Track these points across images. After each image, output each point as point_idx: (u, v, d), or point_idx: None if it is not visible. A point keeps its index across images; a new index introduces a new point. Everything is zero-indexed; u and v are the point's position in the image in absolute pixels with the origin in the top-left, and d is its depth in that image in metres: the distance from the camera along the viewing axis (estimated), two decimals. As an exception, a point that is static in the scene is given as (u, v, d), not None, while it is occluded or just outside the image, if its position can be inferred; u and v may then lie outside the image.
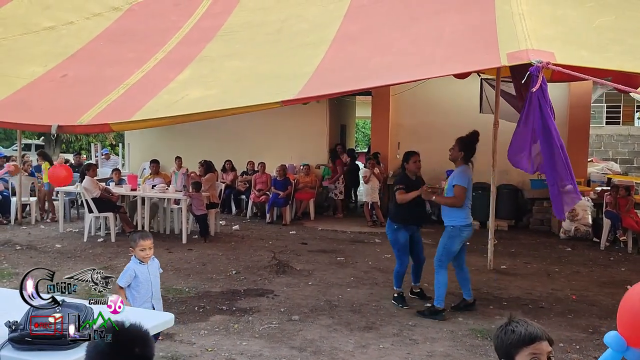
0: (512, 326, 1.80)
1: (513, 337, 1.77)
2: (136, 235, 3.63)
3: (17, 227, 9.14)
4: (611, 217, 8.24)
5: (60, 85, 4.69)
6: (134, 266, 3.52)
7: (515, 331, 1.78)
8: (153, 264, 3.61)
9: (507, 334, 1.79)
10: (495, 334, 1.85)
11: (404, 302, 5.27)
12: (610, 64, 3.57)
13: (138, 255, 3.53)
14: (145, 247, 3.52)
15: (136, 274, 3.51)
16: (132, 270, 3.50)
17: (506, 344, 1.78)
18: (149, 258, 3.55)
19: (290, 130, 11.33)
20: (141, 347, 1.58)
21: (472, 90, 9.17)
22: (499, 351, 1.81)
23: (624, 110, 17.24)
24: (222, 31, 5.03)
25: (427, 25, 4.40)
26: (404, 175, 5.45)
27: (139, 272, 3.51)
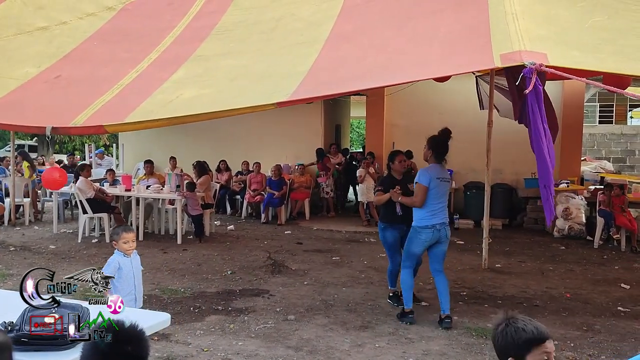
0: (520, 324, 1.74)
1: (525, 335, 1.71)
2: (119, 229, 3.68)
3: (11, 228, 9.09)
4: (604, 215, 8.29)
5: (53, 86, 4.67)
6: (117, 258, 3.55)
7: (526, 330, 1.72)
8: (136, 258, 3.65)
9: (518, 332, 1.72)
10: (500, 332, 1.77)
11: (399, 301, 5.27)
12: (602, 65, 3.59)
13: (121, 248, 3.57)
14: (128, 239, 3.56)
15: (120, 266, 3.53)
16: (117, 262, 3.53)
17: (518, 343, 1.71)
18: (132, 251, 3.59)
19: (285, 130, 11.33)
20: (134, 346, 1.58)
21: (466, 90, 9.20)
22: (507, 350, 1.74)
23: (617, 109, 17.35)
24: (216, 30, 5.02)
25: (421, 25, 4.41)
26: (387, 176, 5.37)
27: (122, 265, 3.54)
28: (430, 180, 4.75)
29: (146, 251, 7.46)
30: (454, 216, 9.79)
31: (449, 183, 4.96)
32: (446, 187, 4.90)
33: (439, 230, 4.75)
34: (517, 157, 9.94)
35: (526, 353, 1.71)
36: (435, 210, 4.76)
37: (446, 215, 4.86)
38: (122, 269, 3.54)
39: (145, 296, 5.42)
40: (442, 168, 4.91)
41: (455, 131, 11.30)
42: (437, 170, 4.85)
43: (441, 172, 4.85)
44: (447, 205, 10.58)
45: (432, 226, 4.73)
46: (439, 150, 4.89)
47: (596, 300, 5.63)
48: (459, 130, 10.34)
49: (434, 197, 4.76)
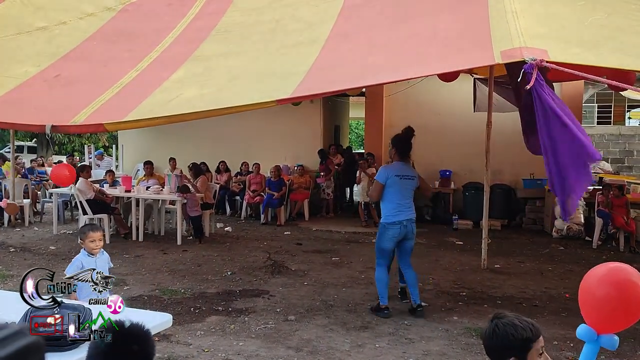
0: (516, 321, 1.74)
1: (525, 334, 1.72)
2: (86, 228, 3.74)
3: (11, 229, 9.08)
4: (603, 216, 8.30)
5: (53, 85, 4.66)
6: (81, 258, 3.60)
7: (524, 327, 1.73)
8: (102, 257, 3.68)
9: (518, 330, 1.72)
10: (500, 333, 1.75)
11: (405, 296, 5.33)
12: (603, 61, 3.60)
13: (87, 247, 3.61)
14: (94, 238, 3.60)
15: (83, 266, 3.56)
16: (80, 262, 3.57)
17: (521, 340, 1.71)
18: (98, 250, 3.63)
19: (284, 131, 11.33)
20: (141, 345, 1.58)
21: (465, 91, 9.21)
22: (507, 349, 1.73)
23: (615, 110, 17.38)
24: (215, 31, 5.03)
25: (420, 23, 4.42)
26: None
27: (85, 264, 3.57)
28: (388, 177, 4.91)
29: (146, 252, 7.46)
30: (453, 217, 9.81)
31: (412, 180, 5.00)
32: (409, 184, 4.98)
33: (406, 226, 4.90)
34: (516, 158, 9.95)
35: (529, 348, 1.71)
36: (402, 206, 4.91)
37: (412, 211, 4.99)
38: (84, 268, 3.54)
39: (145, 297, 5.45)
40: (406, 166, 5.04)
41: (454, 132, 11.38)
42: (398, 168, 4.99)
43: (402, 170, 4.98)
44: (446, 205, 10.64)
45: (399, 222, 4.88)
46: (401, 149, 5.06)
47: (596, 300, 5.63)
48: (458, 131, 10.49)
49: (398, 194, 4.90)
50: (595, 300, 1.89)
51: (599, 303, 1.88)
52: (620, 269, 1.91)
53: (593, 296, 1.90)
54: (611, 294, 1.86)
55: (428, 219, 10.49)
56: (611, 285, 1.88)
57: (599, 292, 1.88)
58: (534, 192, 10.00)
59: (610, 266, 1.95)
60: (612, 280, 1.89)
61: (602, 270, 1.93)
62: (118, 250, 7.56)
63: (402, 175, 4.94)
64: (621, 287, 1.86)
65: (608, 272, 1.92)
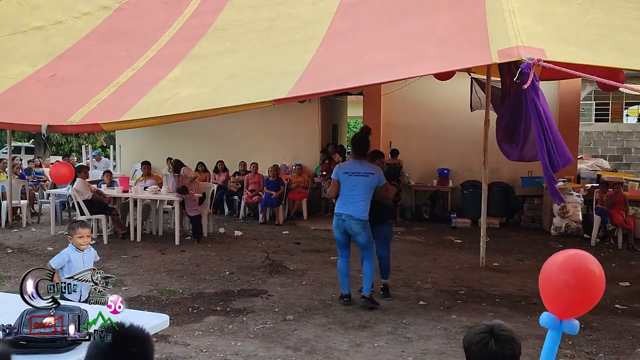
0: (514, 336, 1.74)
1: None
2: (76, 224, 3.86)
3: (8, 230, 9.06)
4: (601, 213, 8.31)
5: (49, 84, 4.65)
6: (68, 251, 3.72)
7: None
8: (89, 254, 3.79)
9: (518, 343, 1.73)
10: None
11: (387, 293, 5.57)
12: (600, 59, 3.60)
13: (75, 243, 3.73)
14: (83, 234, 3.72)
15: (70, 259, 3.68)
16: (67, 255, 3.70)
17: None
18: (86, 246, 3.74)
19: (282, 131, 11.31)
20: (140, 347, 1.59)
21: (462, 89, 9.21)
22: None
23: (613, 107, 17.39)
24: (212, 29, 5.01)
25: (418, 22, 4.42)
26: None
27: (72, 258, 3.69)
28: (338, 174, 5.21)
29: (144, 252, 7.45)
30: (452, 215, 9.81)
31: (364, 177, 5.10)
32: (358, 181, 5.10)
33: (344, 220, 5.11)
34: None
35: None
36: (344, 201, 5.15)
37: (356, 208, 5.08)
38: (71, 262, 3.69)
39: (143, 297, 5.44)
40: (358, 163, 5.17)
41: (452, 130, 11.39)
42: (348, 166, 5.25)
43: (352, 167, 5.18)
44: (445, 204, 10.62)
45: (338, 215, 5.16)
46: (355, 147, 5.30)
47: (594, 297, 5.63)
48: (456, 129, 10.49)
49: (345, 189, 5.16)
50: (555, 287, 1.94)
51: (558, 291, 1.93)
52: (577, 257, 1.98)
53: (553, 284, 1.96)
54: (569, 281, 1.92)
55: (426, 217, 10.50)
56: (568, 272, 1.94)
57: (558, 280, 1.94)
58: (532, 190, 10.00)
59: (568, 254, 2.02)
60: (570, 268, 1.95)
61: (559, 259, 1.99)
62: (116, 250, 7.54)
63: (350, 172, 5.13)
64: (578, 274, 1.92)
65: (565, 260, 1.98)
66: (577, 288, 1.90)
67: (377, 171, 5.19)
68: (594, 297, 1.94)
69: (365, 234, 5.15)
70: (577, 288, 1.91)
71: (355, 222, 5.08)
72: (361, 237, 5.15)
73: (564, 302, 1.93)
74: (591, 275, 1.92)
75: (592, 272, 1.92)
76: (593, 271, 1.92)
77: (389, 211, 5.44)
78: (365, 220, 5.11)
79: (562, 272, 1.95)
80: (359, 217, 5.07)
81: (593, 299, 1.94)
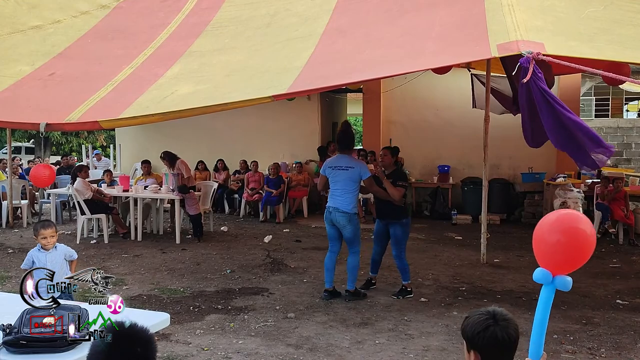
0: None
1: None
2: (38, 225, 3.95)
3: (9, 230, 9.06)
4: (602, 209, 8.30)
5: (47, 83, 4.64)
6: (32, 252, 3.82)
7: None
8: (55, 253, 3.85)
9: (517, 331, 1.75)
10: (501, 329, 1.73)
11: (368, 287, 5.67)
12: (600, 53, 3.59)
13: (40, 243, 3.81)
14: (45, 235, 3.79)
15: (33, 260, 3.78)
16: (31, 256, 3.80)
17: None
18: (50, 246, 3.81)
19: (282, 129, 11.30)
20: (143, 347, 1.59)
21: (462, 86, 9.20)
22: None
23: (613, 102, 17.35)
24: (210, 26, 5.00)
25: (417, 18, 4.41)
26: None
27: (36, 259, 3.78)
28: (325, 169, 5.41)
29: (145, 251, 7.45)
30: (452, 212, 9.80)
31: (345, 171, 5.24)
32: (340, 175, 5.26)
33: (331, 212, 5.28)
34: (514, 152, 9.94)
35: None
36: (331, 194, 5.35)
37: (343, 201, 5.23)
38: (35, 263, 3.77)
39: (144, 296, 5.44)
40: (342, 157, 5.33)
41: (452, 127, 11.37)
42: (332, 160, 5.43)
43: (335, 162, 5.36)
44: (445, 200, 10.61)
45: (327, 207, 5.35)
46: (338, 142, 5.51)
47: (595, 293, 5.63)
48: (456, 126, 10.48)
49: (330, 183, 5.36)
50: (548, 246, 2.05)
51: (551, 249, 2.04)
52: (569, 216, 2.09)
53: (545, 243, 2.07)
54: (561, 240, 2.02)
55: (427, 214, 10.49)
56: (561, 232, 2.04)
57: (551, 239, 2.05)
58: (533, 186, 9.99)
59: (560, 214, 2.13)
60: (562, 228, 2.05)
61: (552, 218, 2.10)
62: (117, 250, 7.54)
63: (334, 166, 5.32)
64: (570, 233, 2.03)
65: (557, 219, 2.08)
66: (568, 246, 2.01)
67: (359, 165, 5.30)
68: (585, 255, 2.04)
69: (351, 227, 5.25)
70: (569, 246, 2.01)
71: (340, 215, 5.22)
72: (346, 230, 5.27)
73: (556, 260, 2.03)
74: (582, 235, 2.02)
75: (583, 231, 2.02)
76: (584, 230, 2.02)
77: (398, 211, 5.42)
78: (351, 213, 5.23)
79: (554, 231, 2.05)
80: (343, 209, 5.20)
81: (584, 257, 2.05)
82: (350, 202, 5.22)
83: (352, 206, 5.24)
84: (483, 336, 1.70)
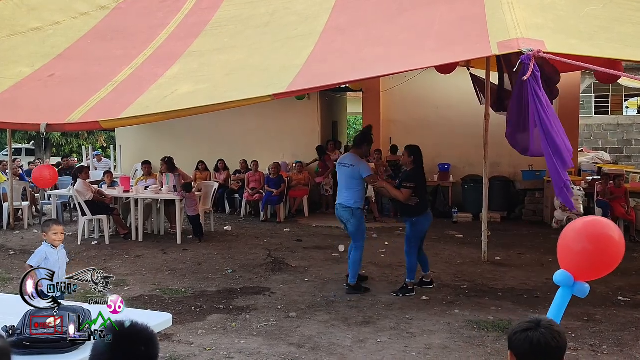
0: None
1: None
2: (50, 221, 4.00)
3: (10, 232, 9.06)
4: (602, 206, 8.30)
5: (47, 84, 4.64)
6: (45, 249, 3.81)
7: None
8: (62, 251, 3.89)
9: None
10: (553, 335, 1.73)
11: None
12: (600, 51, 3.59)
13: (50, 239, 3.82)
14: (58, 231, 3.83)
15: (47, 257, 3.78)
16: (44, 252, 3.78)
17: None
18: (60, 243, 3.85)
19: (282, 128, 11.30)
20: (147, 347, 1.60)
21: (462, 84, 9.18)
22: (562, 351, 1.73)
23: (613, 100, 17.35)
24: (210, 26, 5.00)
25: (416, 16, 4.40)
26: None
27: (49, 255, 3.79)
28: (336, 166, 5.60)
29: (146, 252, 7.45)
30: (453, 210, 9.80)
31: (347, 168, 5.41)
32: (344, 172, 5.44)
33: (337, 209, 5.49)
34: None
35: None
36: (339, 190, 5.54)
37: (345, 197, 5.40)
38: (49, 259, 3.78)
39: (146, 297, 5.44)
40: (349, 155, 5.54)
41: (452, 125, 11.35)
42: (341, 158, 5.68)
43: (342, 159, 5.57)
44: (446, 199, 10.60)
45: (335, 203, 5.56)
46: (353, 141, 5.72)
47: (596, 290, 5.62)
48: (456, 124, 10.47)
49: (338, 179, 5.54)
50: (574, 253, 1.97)
51: (577, 256, 1.95)
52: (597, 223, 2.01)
53: (571, 250, 1.98)
54: (588, 248, 1.93)
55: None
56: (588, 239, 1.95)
57: (577, 247, 1.96)
58: (533, 184, 9.99)
59: (586, 220, 2.04)
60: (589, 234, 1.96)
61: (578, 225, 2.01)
62: (118, 250, 7.54)
63: (340, 163, 5.53)
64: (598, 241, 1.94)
65: (584, 226, 1.99)
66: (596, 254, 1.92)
67: (359, 164, 5.39)
68: (613, 263, 1.97)
69: (353, 222, 5.39)
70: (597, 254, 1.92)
71: (343, 209, 5.41)
72: (349, 224, 5.43)
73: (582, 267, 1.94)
74: (611, 242, 1.93)
75: (612, 238, 1.93)
76: (612, 237, 1.94)
77: (407, 209, 5.45)
78: (353, 208, 5.36)
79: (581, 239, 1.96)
80: (345, 204, 5.38)
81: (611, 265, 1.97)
82: (352, 197, 5.36)
83: (354, 201, 5.38)
84: (520, 337, 1.73)
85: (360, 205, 5.47)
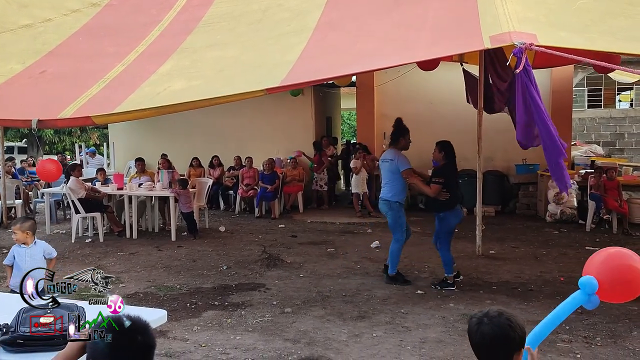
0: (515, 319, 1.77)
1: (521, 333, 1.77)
2: (16, 221, 4.15)
3: (3, 230, 9.01)
4: (596, 199, 8.35)
5: (39, 81, 4.61)
6: (14, 248, 4.00)
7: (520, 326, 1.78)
8: (35, 248, 4.00)
9: (520, 326, 1.77)
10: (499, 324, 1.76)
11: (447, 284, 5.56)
12: (592, 44, 3.60)
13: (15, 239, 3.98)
14: (15, 230, 3.95)
15: (14, 255, 3.97)
16: (12, 251, 3.99)
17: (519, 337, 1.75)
18: (20, 242, 3.95)
19: (276, 124, 11.28)
20: (143, 335, 1.65)
21: (455, 79, 9.18)
22: (509, 344, 1.74)
23: (605, 93, 17.43)
24: (202, 22, 4.98)
25: (409, 11, 4.40)
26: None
27: (16, 253, 3.97)
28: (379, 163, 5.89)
29: (141, 249, 7.43)
30: (448, 204, 9.81)
31: (385, 163, 5.67)
32: (383, 167, 5.72)
33: (379, 202, 5.75)
34: (508, 144, 9.90)
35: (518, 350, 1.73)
36: (382, 185, 5.77)
37: (385, 191, 5.64)
38: (15, 258, 3.97)
39: (141, 294, 5.43)
40: (388, 151, 5.72)
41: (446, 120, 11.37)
42: (383, 154, 5.85)
43: (383, 155, 5.81)
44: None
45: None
46: (391, 138, 5.86)
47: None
48: (450, 119, 10.48)
49: (382, 175, 5.83)
50: (617, 270, 1.98)
51: (618, 275, 1.97)
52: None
53: (623, 266, 1.99)
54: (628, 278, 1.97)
55: (422, 207, 10.51)
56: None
57: (624, 263, 1.98)
58: (527, 178, 10.03)
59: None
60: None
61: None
62: (112, 248, 7.52)
63: (383, 159, 5.76)
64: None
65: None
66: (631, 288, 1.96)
67: (397, 158, 5.57)
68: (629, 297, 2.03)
69: (391, 214, 5.59)
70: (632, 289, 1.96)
71: (382, 203, 5.66)
72: (388, 217, 5.66)
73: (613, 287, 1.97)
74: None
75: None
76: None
77: (435, 203, 5.52)
78: (391, 201, 5.55)
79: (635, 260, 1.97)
80: (384, 197, 5.61)
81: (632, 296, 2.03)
82: (390, 190, 5.57)
83: (392, 194, 5.56)
84: (471, 330, 1.82)
85: (399, 199, 5.60)
